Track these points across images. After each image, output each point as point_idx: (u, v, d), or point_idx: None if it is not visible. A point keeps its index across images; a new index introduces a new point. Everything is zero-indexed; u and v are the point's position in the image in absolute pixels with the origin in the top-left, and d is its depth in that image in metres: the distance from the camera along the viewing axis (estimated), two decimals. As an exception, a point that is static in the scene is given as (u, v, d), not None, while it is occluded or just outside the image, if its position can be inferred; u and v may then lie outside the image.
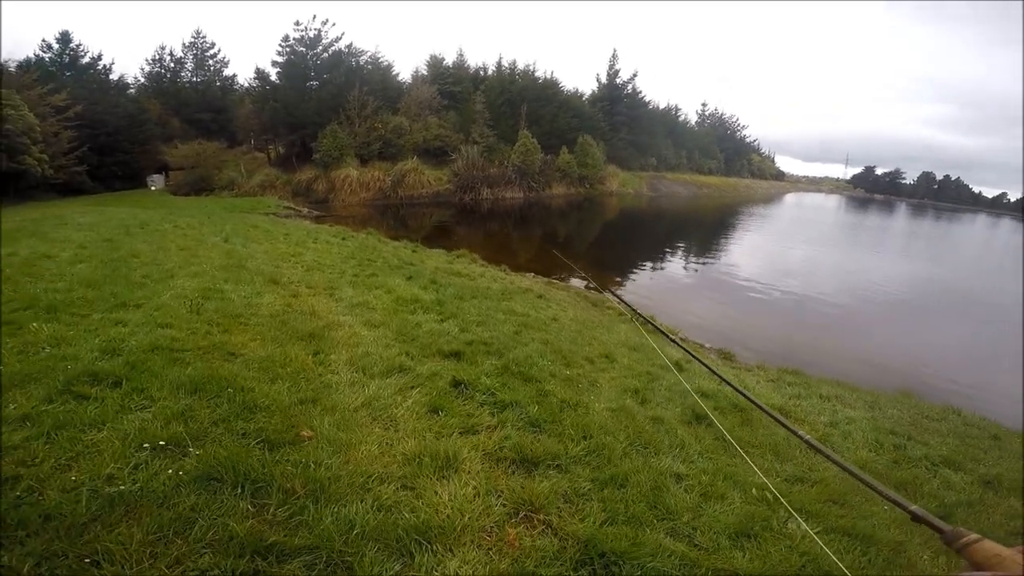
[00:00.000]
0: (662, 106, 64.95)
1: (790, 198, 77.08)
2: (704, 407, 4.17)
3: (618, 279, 15.30)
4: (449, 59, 41.34)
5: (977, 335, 13.23)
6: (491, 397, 3.60)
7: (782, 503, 2.67)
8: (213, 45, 42.82)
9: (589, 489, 2.75)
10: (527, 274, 12.09)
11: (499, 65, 43.25)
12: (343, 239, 12.33)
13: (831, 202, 79.45)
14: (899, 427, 5.08)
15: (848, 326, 12.49)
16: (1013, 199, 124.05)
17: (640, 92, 55.12)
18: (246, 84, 37.72)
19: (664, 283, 15.45)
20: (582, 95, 49.76)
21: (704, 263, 19.56)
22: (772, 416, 1.99)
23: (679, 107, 70.31)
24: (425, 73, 40.03)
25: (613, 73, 53.84)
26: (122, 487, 2.15)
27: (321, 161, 29.04)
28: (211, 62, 42.90)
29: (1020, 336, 12.28)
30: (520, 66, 43.22)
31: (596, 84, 54.15)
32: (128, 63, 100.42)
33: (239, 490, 2.23)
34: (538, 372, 4.34)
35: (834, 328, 12.14)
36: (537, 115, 39.50)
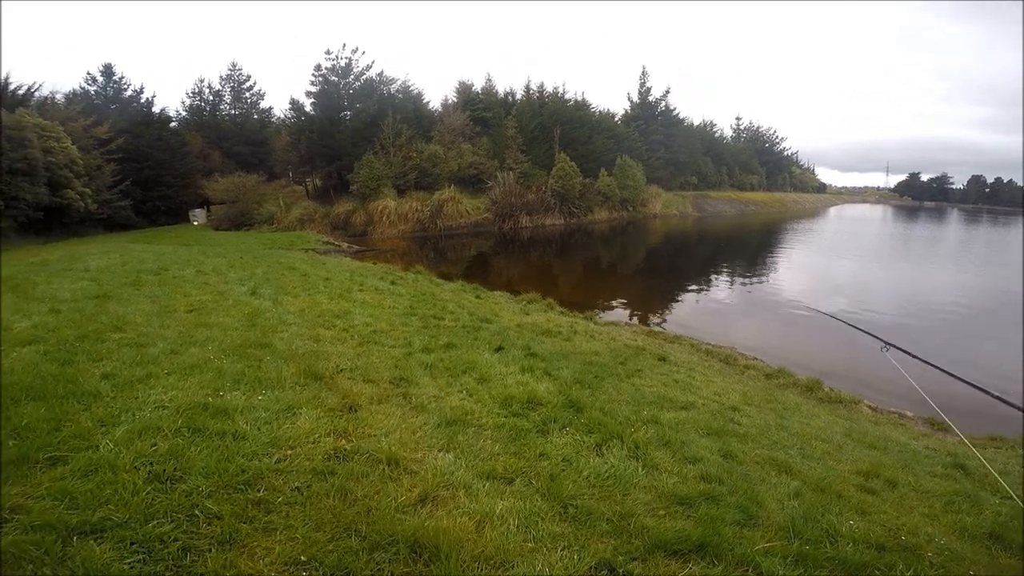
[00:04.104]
0: (696, 122, 62.27)
1: (838, 210, 73.12)
2: None
3: (662, 305, 13.94)
4: (478, 84, 40.23)
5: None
6: None
7: None
8: (249, 77, 42.78)
9: None
10: (619, 323, 9.79)
11: (528, 89, 41.76)
12: (392, 283, 10.30)
13: (883, 213, 74.70)
14: None
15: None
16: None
17: (674, 109, 52.75)
18: (282, 115, 37.32)
19: (729, 308, 13.91)
20: (613, 115, 47.91)
21: (769, 284, 17.58)
22: None
23: (714, 122, 67.26)
24: (455, 100, 38.91)
25: (644, 91, 51.80)
26: None
27: (359, 192, 27.87)
28: (248, 95, 42.83)
29: None
30: (549, 88, 41.64)
31: (628, 103, 52.22)
32: (167, 96, 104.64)
33: None
34: (865, 555, 2.26)
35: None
36: (570, 138, 37.83)
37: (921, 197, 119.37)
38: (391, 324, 6.11)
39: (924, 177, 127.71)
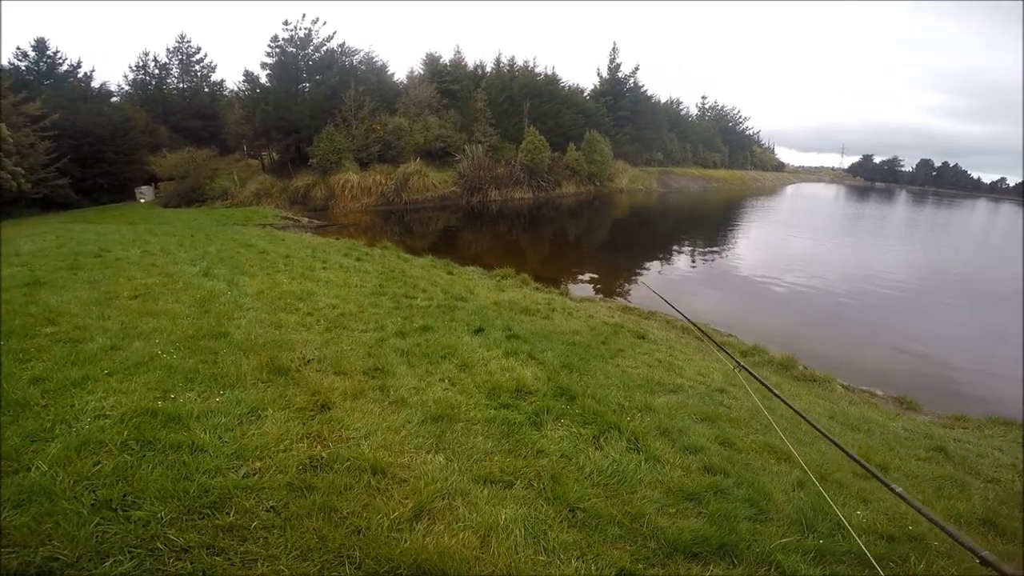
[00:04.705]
0: (664, 100, 62.40)
1: (794, 189, 75.59)
2: None
3: (629, 278, 14.13)
4: (446, 57, 38.90)
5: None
6: None
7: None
8: (199, 49, 40.41)
9: None
10: (594, 299, 9.66)
11: (498, 62, 40.95)
12: (358, 259, 9.77)
13: (836, 192, 77.62)
14: None
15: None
16: (1012, 184, 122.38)
17: (642, 86, 52.67)
18: (235, 88, 35.30)
19: (684, 280, 14.30)
20: (583, 91, 47.47)
21: (728, 258, 18.09)
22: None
23: (681, 100, 67.70)
24: (422, 72, 37.51)
25: (614, 67, 51.48)
26: None
27: (318, 166, 26.60)
28: (197, 67, 40.52)
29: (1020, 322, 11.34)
30: (519, 62, 40.93)
31: (597, 79, 51.80)
32: (112, 71, 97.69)
33: None
34: (879, 547, 2.33)
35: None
36: (540, 112, 37.31)
37: (873, 178, 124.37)
38: (360, 306, 5.72)
39: (877, 159, 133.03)
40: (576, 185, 38.03)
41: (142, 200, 28.62)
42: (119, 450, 2.29)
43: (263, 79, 30.21)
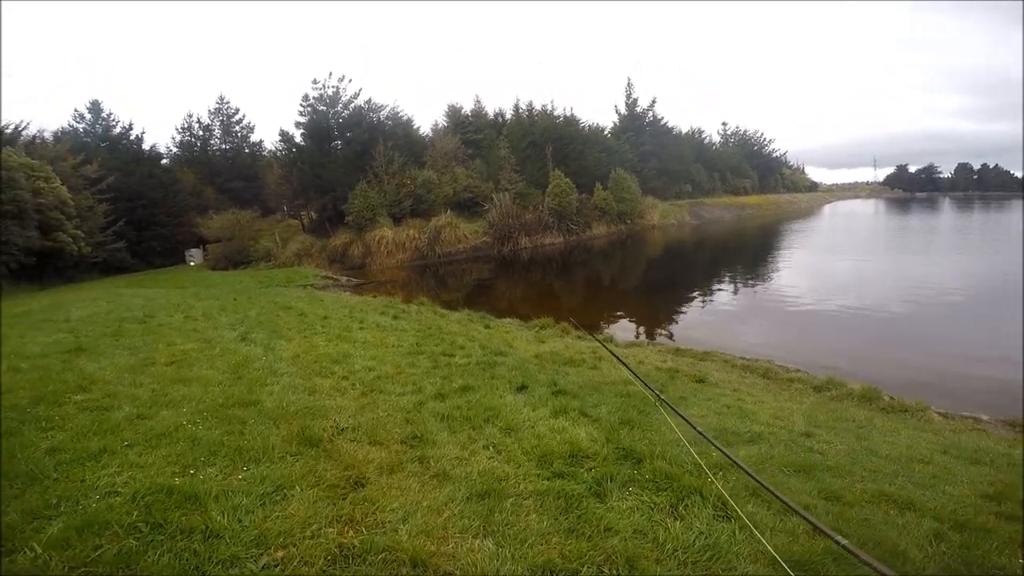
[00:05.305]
0: (685, 130, 62.23)
1: (831, 208, 73.19)
2: None
3: (672, 318, 13.41)
4: (467, 107, 40.29)
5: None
6: None
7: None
8: (237, 111, 41.89)
9: None
10: (641, 344, 9.16)
11: (516, 108, 41.85)
12: (395, 317, 9.65)
13: (875, 207, 74.44)
14: None
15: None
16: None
17: (662, 118, 52.93)
18: (272, 148, 36.69)
19: (729, 314, 13.41)
20: (603, 129, 47.99)
21: (773, 287, 16.91)
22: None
23: (702, 129, 67.30)
24: (445, 124, 38.93)
25: (631, 102, 52.18)
26: None
27: (354, 223, 27.40)
28: (237, 128, 41.82)
29: None
30: (537, 107, 41.61)
31: (616, 116, 52.50)
32: (156, 132, 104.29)
33: None
34: None
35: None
36: (563, 154, 37.56)
37: (912, 188, 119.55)
38: (397, 366, 5.45)
39: (912, 168, 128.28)
40: (607, 225, 37.62)
41: (192, 263, 29.55)
42: (125, 533, 2.04)
43: (298, 138, 31.68)
